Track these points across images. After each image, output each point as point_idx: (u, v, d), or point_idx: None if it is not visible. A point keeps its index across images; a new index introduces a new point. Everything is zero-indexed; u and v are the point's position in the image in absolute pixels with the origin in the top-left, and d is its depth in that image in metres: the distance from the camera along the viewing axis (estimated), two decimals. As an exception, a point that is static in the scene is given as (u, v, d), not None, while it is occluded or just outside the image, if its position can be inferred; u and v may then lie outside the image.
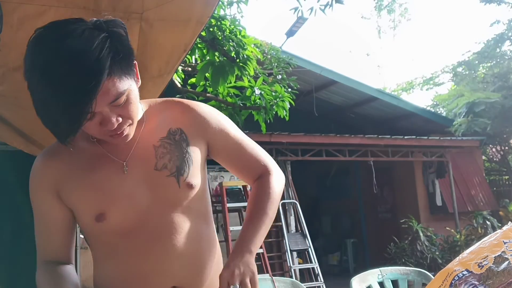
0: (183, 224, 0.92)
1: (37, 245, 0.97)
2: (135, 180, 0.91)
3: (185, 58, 2.17)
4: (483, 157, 8.99)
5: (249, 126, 5.22)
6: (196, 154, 0.95)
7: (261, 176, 1.02)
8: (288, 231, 5.80)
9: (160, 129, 0.95)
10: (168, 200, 0.91)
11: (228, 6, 4.11)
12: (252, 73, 3.89)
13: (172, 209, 0.92)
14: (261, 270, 5.14)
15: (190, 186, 0.93)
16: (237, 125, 4.32)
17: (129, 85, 0.82)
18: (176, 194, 0.92)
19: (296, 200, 6.04)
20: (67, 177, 0.92)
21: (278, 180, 1.02)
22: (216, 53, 3.81)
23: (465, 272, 0.94)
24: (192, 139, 0.96)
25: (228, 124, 1.02)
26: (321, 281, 5.43)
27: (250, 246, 0.90)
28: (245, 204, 5.25)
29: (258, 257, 5.25)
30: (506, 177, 9.21)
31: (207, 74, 3.91)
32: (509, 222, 1.05)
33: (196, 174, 0.95)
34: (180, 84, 4.54)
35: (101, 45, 0.75)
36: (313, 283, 5.41)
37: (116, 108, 0.81)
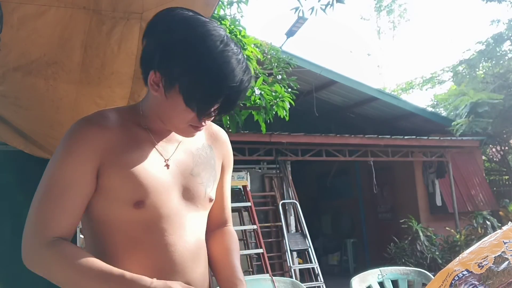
0: (199, 229, 0.99)
1: (41, 217, 0.85)
2: (174, 177, 0.94)
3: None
4: (483, 157, 8.99)
5: (249, 126, 5.22)
6: (218, 173, 1.05)
7: (223, 224, 1.12)
8: (288, 231, 5.80)
9: (197, 139, 1.01)
10: (194, 204, 0.97)
11: (228, 6, 4.11)
12: (252, 73, 3.90)
13: (195, 214, 0.97)
14: (261, 270, 5.15)
15: (210, 200, 1.01)
16: (237, 125, 4.30)
17: None
18: (200, 202, 0.98)
19: (296, 200, 6.04)
20: (116, 153, 0.88)
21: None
22: (216, 53, 3.80)
23: (465, 272, 0.94)
24: (218, 160, 1.05)
25: (232, 170, 1.13)
26: (321, 281, 5.43)
27: (243, 279, 1.02)
28: (245, 204, 5.26)
29: (258, 256, 5.25)
30: (506, 177, 9.21)
31: (207, 74, 3.90)
32: (509, 222, 1.05)
33: (215, 190, 1.03)
34: (180, 84, 4.53)
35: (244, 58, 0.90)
36: (313, 283, 5.41)
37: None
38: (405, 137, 6.97)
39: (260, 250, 5.11)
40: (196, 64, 0.83)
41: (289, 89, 4.82)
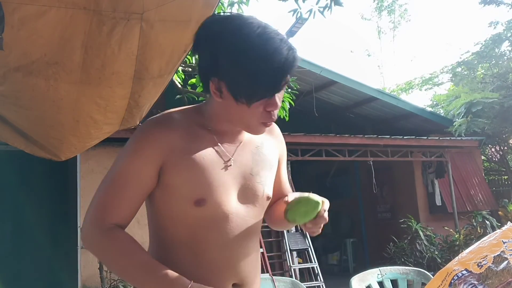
0: (255, 228, 1.02)
1: (103, 204, 0.92)
2: (234, 177, 0.98)
3: (185, 59, 2.18)
4: (482, 157, 9.00)
5: (248, 126, 5.20)
6: (275, 169, 1.09)
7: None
8: (288, 230, 5.80)
9: (256, 139, 1.05)
10: (252, 203, 1.00)
11: (229, 7, 4.12)
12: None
13: (251, 212, 1.00)
14: (261, 270, 5.15)
15: (268, 198, 1.04)
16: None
17: None
18: (258, 201, 1.01)
19: (295, 200, 6.03)
20: (180, 153, 0.93)
21: None
22: (216, 53, 3.80)
23: (464, 272, 0.94)
24: (275, 154, 1.09)
25: (286, 159, 1.18)
26: (320, 280, 5.44)
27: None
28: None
29: (258, 257, 5.26)
30: (505, 177, 9.22)
31: (207, 74, 3.90)
32: (508, 222, 1.05)
33: (272, 188, 1.06)
34: (180, 85, 4.54)
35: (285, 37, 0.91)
36: (313, 282, 5.42)
37: (278, 94, 0.93)
38: (405, 137, 6.98)
39: (260, 250, 5.11)
40: (249, 64, 0.86)
41: (289, 89, 4.82)
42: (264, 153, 1.04)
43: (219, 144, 0.98)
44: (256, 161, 1.02)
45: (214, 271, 0.94)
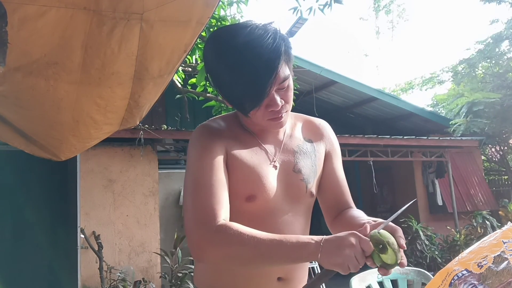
0: (299, 223, 1.05)
1: (201, 208, 0.89)
2: (279, 175, 1.02)
3: (185, 59, 2.18)
4: (482, 157, 8.99)
5: (249, 126, 5.21)
6: (319, 168, 1.09)
7: (345, 207, 1.12)
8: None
9: (297, 136, 1.09)
10: (295, 199, 1.04)
11: (228, 7, 4.12)
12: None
13: (295, 208, 1.04)
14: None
15: (311, 195, 1.07)
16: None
17: (290, 72, 0.96)
18: (301, 197, 1.05)
19: (295, 200, 6.03)
20: (232, 153, 0.98)
21: None
22: (216, 53, 3.81)
23: (464, 272, 0.94)
24: (318, 153, 1.10)
25: (340, 155, 1.17)
26: (320, 281, 5.43)
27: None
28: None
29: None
30: (505, 177, 9.22)
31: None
32: (509, 222, 1.05)
33: (316, 185, 1.09)
34: (181, 84, 4.54)
35: (275, 34, 0.92)
36: (312, 283, 5.41)
37: (280, 92, 0.95)
38: (405, 137, 6.97)
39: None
40: (218, 75, 0.92)
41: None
42: (306, 151, 1.07)
43: (262, 144, 1.03)
44: (298, 159, 1.05)
45: None
